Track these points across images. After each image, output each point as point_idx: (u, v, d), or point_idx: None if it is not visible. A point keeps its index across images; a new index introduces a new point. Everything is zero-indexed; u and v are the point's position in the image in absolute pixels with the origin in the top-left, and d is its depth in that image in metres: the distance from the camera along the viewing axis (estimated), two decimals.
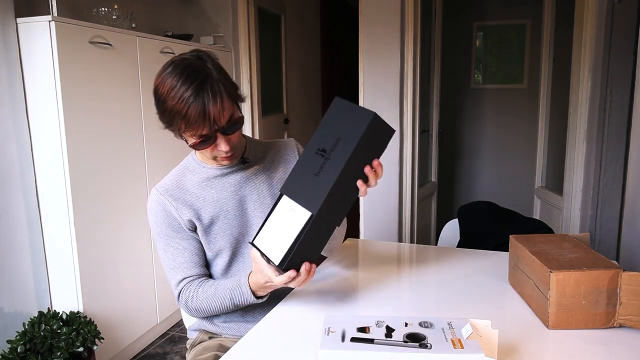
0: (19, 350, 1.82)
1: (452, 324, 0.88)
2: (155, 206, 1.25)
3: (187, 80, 1.07)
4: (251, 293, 1.15)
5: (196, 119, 1.08)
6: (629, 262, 2.13)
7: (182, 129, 1.12)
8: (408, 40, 2.84)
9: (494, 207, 2.07)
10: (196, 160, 1.30)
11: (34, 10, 2.15)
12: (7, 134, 2.01)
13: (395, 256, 1.65)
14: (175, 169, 1.32)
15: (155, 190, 1.27)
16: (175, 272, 1.24)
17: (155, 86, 1.13)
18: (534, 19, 3.90)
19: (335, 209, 1.03)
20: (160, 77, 1.11)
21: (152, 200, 1.26)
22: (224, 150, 1.15)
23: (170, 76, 1.09)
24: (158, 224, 1.25)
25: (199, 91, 1.07)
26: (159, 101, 1.13)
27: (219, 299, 1.19)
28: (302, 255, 1.03)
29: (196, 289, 1.22)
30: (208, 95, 1.07)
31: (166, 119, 1.14)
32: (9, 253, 2.03)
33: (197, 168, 1.29)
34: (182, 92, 1.07)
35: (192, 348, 1.34)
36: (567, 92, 2.84)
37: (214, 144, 1.15)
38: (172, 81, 1.08)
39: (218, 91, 1.08)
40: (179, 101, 1.07)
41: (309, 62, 4.96)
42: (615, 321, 1.03)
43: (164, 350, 2.57)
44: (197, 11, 3.35)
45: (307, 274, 1.05)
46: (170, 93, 1.08)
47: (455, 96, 4.30)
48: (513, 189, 4.22)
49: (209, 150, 1.17)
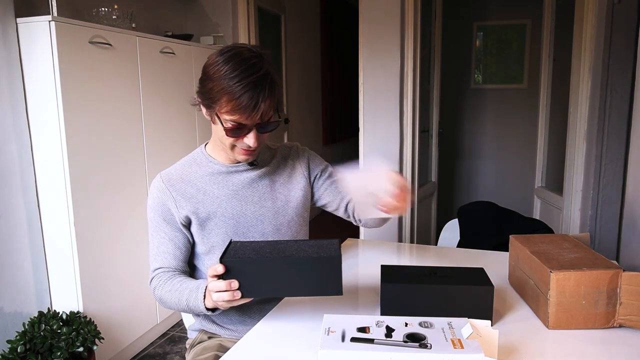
0: (19, 350, 1.82)
1: (452, 324, 0.88)
2: (155, 193, 1.27)
3: (249, 69, 1.11)
4: (202, 300, 1.12)
5: (245, 107, 1.10)
6: (629, 262, 2.13)
7: (224, 110, 1.13)
8: (408, 40, 2.84)
9: (494, 207, 2.07)
10: (205, 154, 1.30)
11: (34, 10, 2.15)
12: (7, 134, 2.01)
13: (395, 256, 1.65)
14: (184, 158, 1.33)
15: (160, 177, 1.28)
16: (156, 259, 1.26)
17: (211, 63, 1.16)
18: (534, 19, 3.90)
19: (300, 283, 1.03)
20: (222, 54, 1.15)
21: (154, 186, 1.28)
22: (252, 146, 1.17)
23: (233, 60, 1.12)
24: (153, 209, 1.27)
25: (257, 83, 1.10)
26: (211, 78, 1.14)
27: (177, 296, 1.18)
28: (249, 270, 1.01)
29: (166, 280, 1.23)
30: (265, 90, 1.11)
31: (210, 96, 1.15)
32: (9, 253, 2.03)
33: (204, 161, 1.29)
34: (242, 77, 1.10)
35: (192, 348, 1.34)
36: (567, 92, 2.84)
37: (244, 136, 1.16)
38: (234, 65, 1.11)
39: (272, 91, 1.13)
40: (236, 84, 1.10)
41: (309, 62, 4.96)
42: (615, 321, 1.03)
43: (164, 350, 2.57)
44: (197, 11, 3.35)
45: (226, 285, 1.01)
46: (229, 74, 1.11)
47: (455, 96, 4.30)
48: (513, 189, 4.22)
49: (236, 140, 1.18)
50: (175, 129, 2.71)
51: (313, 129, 5.09)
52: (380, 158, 2.76)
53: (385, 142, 2.91)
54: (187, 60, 2.80)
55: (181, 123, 2.76)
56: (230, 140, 1.18)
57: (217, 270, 1.01)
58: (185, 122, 2.80)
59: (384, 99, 2.88)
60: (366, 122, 2.94)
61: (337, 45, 5.47)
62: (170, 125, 2.68)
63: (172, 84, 2.67)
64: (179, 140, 2.73)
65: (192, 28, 3.33)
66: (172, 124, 2.69)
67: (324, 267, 1.00)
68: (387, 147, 2.92)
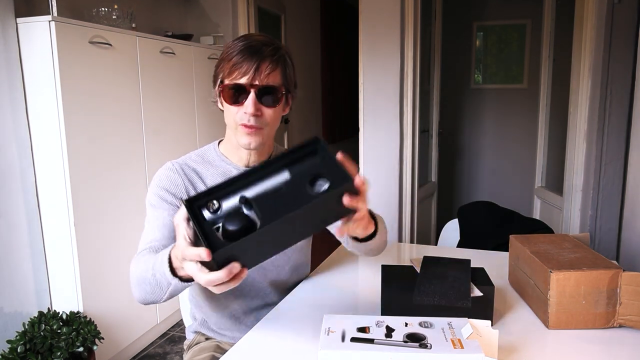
0: (19, 350, 1.82)
1: (452, 324, 0.88)
2: (168, 173, 1.18)
3: (257, 37, 1.10)
4: (168, 263, 0.87)
5: (243, 61, 1.06)
6: (629, 262, 2.13)
7: (226, 73, 1.09)
8: (408, 40, 2.84)
9: (494, 207, 2.07)
10: (217, 152, 1.23)
11: (34, 10, 2.15)
12: (7, 134, 2.01)
13: (395, 256, 1.65)
14: (194, 152, 1.25)
15: (172, 164, 1.19)
16: (148, 243, 1.08)
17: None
18: (534, 19, 3.90)
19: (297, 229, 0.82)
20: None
21: (166, 168, 1.19)
22: (249, 112, 1.08)
23: (243, 36, 1.12)
24: (160, 188, 1.16)
25: (262, 45, 1.07)
26: (219, 59, 1.13)
27: (145, 265, 0.97)
28: (243, 250, 0.76)
29: (146, 254, 1.04)
30: (268, 53, 1.07)
31: (216, 72, 1.13)
32: (9, 253, 2.03)
33: (217, 160, 1.22)
34: (247, 40, 1.08)
35: (189, 349, 1.34)
36: (567, 92, 2.84)
37: (242, 103, 1.09)
38: (243, 37, 1.11)
39: (278, 56, 1.09)
40: (240, 44, 1.07)
41: (309, 62, 4.96)
42: (615, 321, 1.03)
43: (163, 350, 2.57)
44: (197, 11, 3.35)
45: (228, 275, 0.75)
46: (236, 42, 1.09)
47: (455, 96, 4.30)
48: (513, 189, 4.22)
49: (236, 111, 1.10)
50: (175, 128, 2.71)
51: (313, 129, 5.09)
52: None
53: (385, 142, 2.91)
54: (187, 60, 2.80)
55: (181, 123, 2.76)
56: (232, 113, 1.11)
57: (202, 257, 0.73)
58: (186, 122, 2.80)
59: (384, 99, 2.88)
60: (366, 122, 2.94)
61: (337, 45, 5.47)
62: (170, 125, 2.68)
63: (172, 84, 2.67)
64: (179, 140, 2.73)
65: (192, 28, 3.33)
66: (172, 123, 2.69)
67: (339, 192, 0.78)
68: (387, 147, 2.92)
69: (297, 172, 0.81)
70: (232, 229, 0.75)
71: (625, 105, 2.58)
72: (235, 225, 0.75)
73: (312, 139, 0.83)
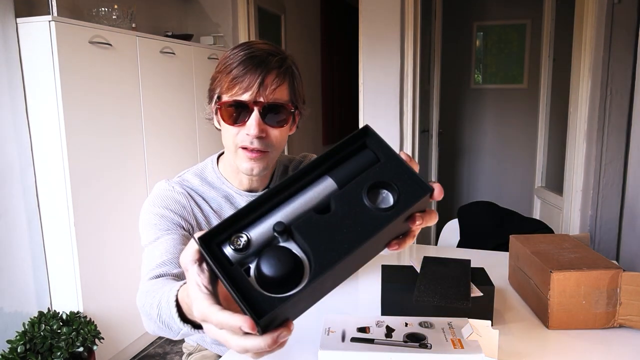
0: (19, 350, 1.82)
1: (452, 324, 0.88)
2: (168, 194, 1.02)
3: (258, 45, 0.95)
4: (175, 307, 0.69)
5: (245, 74, 0.91)
6: (629, 262, 2.13)
7: (225, 88, 0.94)
8: (408, 40, 2.84)
9: (493, 207, 2.07)
10: (216, 172, 1.09)
11: (34, 10, 2.15)
12: (7, 134, 2.01)
13: (395, 256, 1.65)
14: (192, 173, 1.10)
15: (168, 184, 1.05)
16: (153, 270, 0.95)
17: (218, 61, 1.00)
18: (534, 19, 3.91)
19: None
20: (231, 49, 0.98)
21: (163, 189, 1.04)
22: (252, 134, 0.94)
23: (241, 44, 0.97)
24: (162, 207, 1.01)
25: (265, 55, 0.93)
26: (215, 70, 0.98)
27: (151, 299, 0.81)
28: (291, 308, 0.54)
29: (152, 284, 0.91)
30: (272, 64, 0.93)
31: (212, 86, 0.98)
32: (9, 253, 2.03)
33: (216, 182, 1.08)
34: (248, 49, 0.93)
35: (190, 355, 1.33)
36: (567, 92, 2.84)
37: (244, 123, 0.94)
38: (242, 46, 0.96)
39: (284, 68, 0.94)
40: (240, 54, 0.93)
41: (309, 62, 4.96)
42: (615, 321, 1.03)
43: (164, 350, 2.57)
44: (197, 11, 3.35)
45: (273, 344, 0.52)
46: (236, 52, 0.94)
47: (455, 96, 4.30)
48: (513, 189, 4.22)
49: (236, 132, 0.96)
50: (175, 128, 2.71)
51: (313, 129, 5.09)
52: None
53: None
54: (187, 60, 2.80)
55: (181, 123, 2.76)
56: (232, 134, 0.96)
57: (244, 328, 0.48)
58: (186, 121, 2.80)
59: (384, 99, 2.89)
60: (366, 122, 2.94)
61: (337, 45, 5.47)
62: (171, 125, 2.68)
63: (172, 84, 2.67)
64: (179, 140, 2.73)
65: (192, 28, 3.33)
66: (172, 123, 2.69)
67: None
68: None
69: (345, 180, 0.58)
70: (273, 275, 0.50)
71: (625, 105, 2.58)
72: (278, 269, 0.50)
73: (362, 128, 0.64)
